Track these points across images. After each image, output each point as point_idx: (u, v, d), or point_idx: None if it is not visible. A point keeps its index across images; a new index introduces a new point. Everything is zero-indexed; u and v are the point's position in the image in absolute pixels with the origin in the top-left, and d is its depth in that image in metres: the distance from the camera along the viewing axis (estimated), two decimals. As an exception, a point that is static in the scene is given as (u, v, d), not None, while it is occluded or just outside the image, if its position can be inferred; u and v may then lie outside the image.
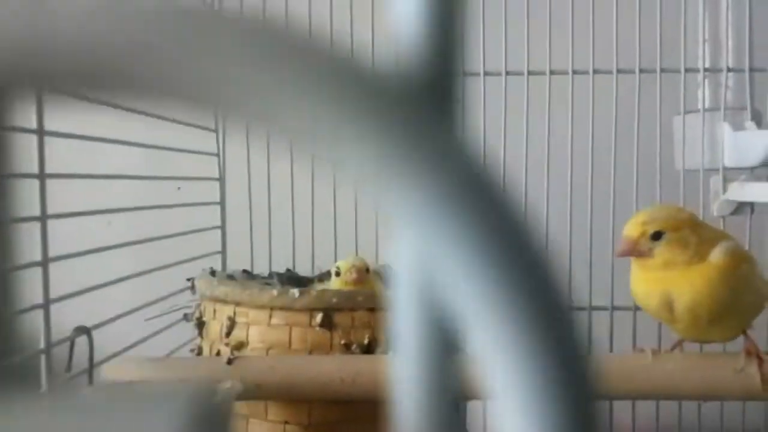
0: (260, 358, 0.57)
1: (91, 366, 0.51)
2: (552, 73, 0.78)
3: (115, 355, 0.56)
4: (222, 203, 0.82)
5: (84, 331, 0.51)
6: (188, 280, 0.72)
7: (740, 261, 0.52)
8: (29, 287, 0.53)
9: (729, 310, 0.51)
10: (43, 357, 0.45)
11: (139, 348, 0.64)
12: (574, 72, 0.78)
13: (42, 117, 0.47)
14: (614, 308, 0.80)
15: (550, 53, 0.78)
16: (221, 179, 0.82)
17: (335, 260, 0.79)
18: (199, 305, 0.68)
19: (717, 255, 0.51)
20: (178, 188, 0.90)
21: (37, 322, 0.46)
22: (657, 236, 0.51)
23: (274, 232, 0.81)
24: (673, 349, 0.56)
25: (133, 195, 0.72)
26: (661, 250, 0.51)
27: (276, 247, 0.81)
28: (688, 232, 0.52)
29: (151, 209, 0.67)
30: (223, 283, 0.64)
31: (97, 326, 0.54)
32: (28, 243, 0.53)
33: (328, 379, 0.54)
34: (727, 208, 0.78)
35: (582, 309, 0.80)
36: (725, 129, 0.78)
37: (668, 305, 0.51)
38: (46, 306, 0.45)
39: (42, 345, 0.45)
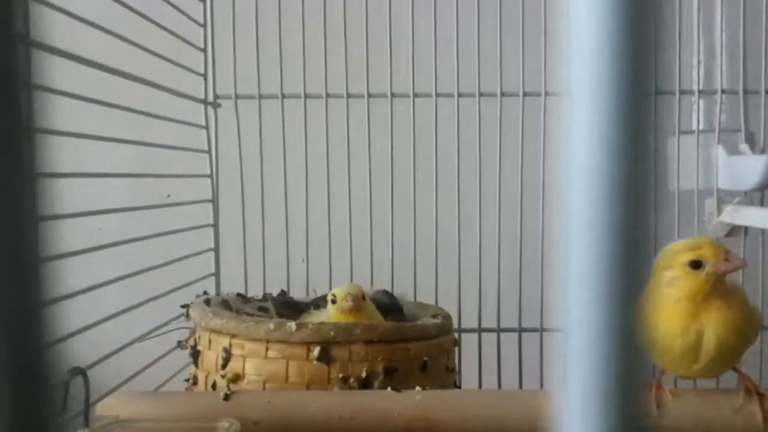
0: (257, 393, 0.57)
1: (87, 407, 0.50)
2: (547, 94, 0.78)
3: (109, 392, 0.56)
4: (215, 225, 0.81)
5: (79, 371, 0.50)
6: (182, 306, 0.71)
7: (744, 294, 0.52)
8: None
9: (746, 344, 0.51)
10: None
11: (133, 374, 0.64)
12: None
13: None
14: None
15: (545, 73, 0.78)
16: (214, 201, 0.81)
17: (330, 281, 0.79)
18: (193, 332, 0.68)
19: (732, 287, 0.51)
20: (168, 195, 0.89)
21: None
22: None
23: (268, 255, 0.80)
24: (660, 377, 0.55)
25: (124, 223, 0.71)
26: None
27: (270, 269, 0.80)
28: None
29: (148, 238, 0.66)
30: (218, 314, 0.63)
31: (91, 365, 0.53)
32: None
33: (326, 415, 0.54)
34: (721, 230, 0.78)
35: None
36: (720, 152, 0.78)
37: (700, 341, 0.50)
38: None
39: (37, 392, 0.44)
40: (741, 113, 0.79)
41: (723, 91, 0.78)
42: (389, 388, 0.56)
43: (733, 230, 0.78)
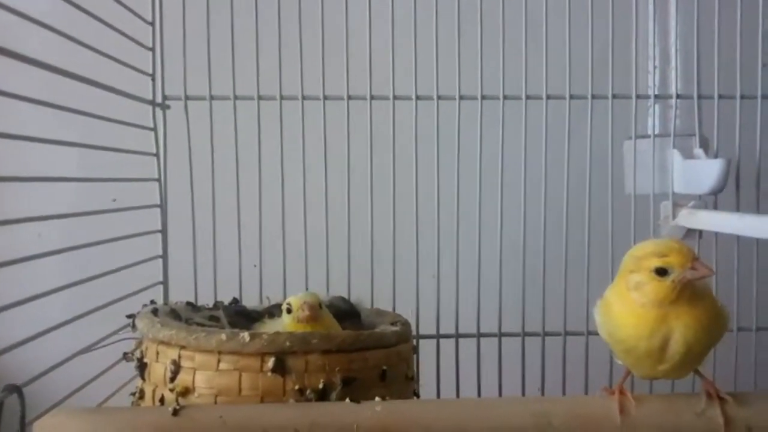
0: (208, 408, 0.54)
1: (23, 427, 0.47)
2: (506, 98, 0.78)
3: (48, 410, 0.52)
4: (163, 231, 0.78)
5: (14, 389, 0.46)
6: (128, 316, 0.67)
7: (713, 295, 0.52)
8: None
9: (712, 346, 0.51)
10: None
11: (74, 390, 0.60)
12: (528, 97, 0.78)
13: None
14: (567, 334, 0.80)
15: (503, 79, 0.77)
16: (163, 206, 0.78)
17: (284, 289, 0.77)
18: (140, 343, 0.65)
19: (701, 289, 0.50)
20: (113, 200, 0.86)
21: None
22: None
23: (219, 261, 0.77)
24: (622, 382, 0.55)
25: (66, 229, 0.67)
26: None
27: (221, 276, 0.78)
28: None
29: (92, 245, 0.63)
30: (167, 324, 0.60)
31: (28, 382, 0.50)
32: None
33: (282, 430, 0.51)
34: (676, 234, 0.79)
35: (537, 335, 0.80)
36: (675, 157, 0.78)
37: (666, 344, 0.49)
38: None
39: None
40: (695, 118, 0.79)
41: (678, 96, 0.79)
42: (348, 400, 0.54)
43: (688, 233, 0.79)
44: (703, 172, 0.76)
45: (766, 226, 0.61)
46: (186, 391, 0.57)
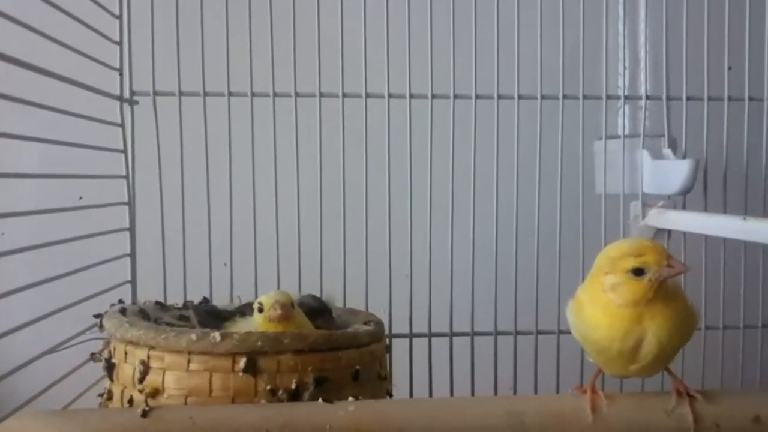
0: (178, 408, 0.53)
1: (-15, 431, 0.46)
2: (478, 97, 0.78)
3: (12, 412, 0.51)
4: (131, 229, 0.77)
5: (-24, 392, 0.45)
6: (96, 316, 0.66)
7: (684, 294, 0.52)
8: None
9: (683, 345, 0.51)
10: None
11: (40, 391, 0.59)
12: (500, 97, 0.78)
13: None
14: (539, 332, 0.81)
15: (475, 79, 0.77)
16: (130, 203, 0.76)
17: (255, 288, 0.76)
18: (108, 343, 0.63)
19: (673, 289, 0.51)
20: (80, 198, 0.84)
21: None
22: None
23: (188, 260, 0.76)
24: (593, 380, 0.55)
25: (31, 227, 0.66)
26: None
27: (191, 275, 0.76)
28: None
29: (57, 243, 0.61)
30: (135, 324, 0.59)
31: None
32: None
33: (253, 431, 0.51)
34: (646, 233, 0.80)
35: (509, 334, 0.80)
36: (644, 157, 0.79)
37: (639, 344, 0.49)
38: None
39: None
40: (664, 119, 0.80)
41: (647, 97, 0.80)
42: (320, 400, 0.54)
43: (657, 233, 0.80)
44: (671, 172, 0.77)
45: (733, 226, 0.62)
46: (155, 392, 0.56)
